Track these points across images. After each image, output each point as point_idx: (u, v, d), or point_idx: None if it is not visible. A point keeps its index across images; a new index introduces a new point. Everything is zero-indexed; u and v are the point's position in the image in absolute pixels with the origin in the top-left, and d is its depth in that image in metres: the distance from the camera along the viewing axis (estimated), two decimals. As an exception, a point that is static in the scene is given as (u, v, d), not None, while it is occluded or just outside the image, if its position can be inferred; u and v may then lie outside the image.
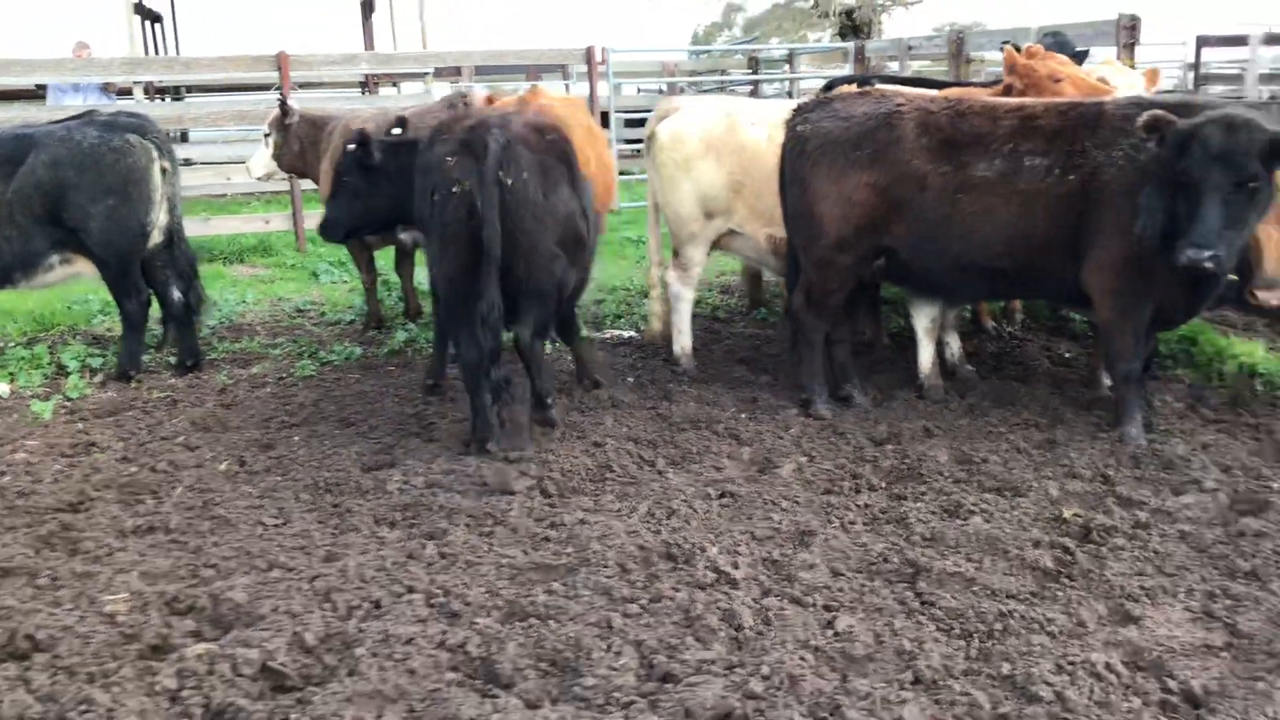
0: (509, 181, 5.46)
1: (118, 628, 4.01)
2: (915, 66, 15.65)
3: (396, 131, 6.83)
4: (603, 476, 5.43)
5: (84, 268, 7.36)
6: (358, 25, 22.44)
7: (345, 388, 7.08)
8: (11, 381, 7.35)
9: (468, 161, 5.41)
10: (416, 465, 5.57)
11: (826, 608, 4.06)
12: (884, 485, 5.29)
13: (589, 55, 13.40)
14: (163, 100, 17.98)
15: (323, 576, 4.35)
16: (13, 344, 8.25)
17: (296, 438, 6.13)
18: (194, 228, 11.63)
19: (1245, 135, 4.92)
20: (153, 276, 7.47)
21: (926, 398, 6.45)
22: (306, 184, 10.83)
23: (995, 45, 8.51)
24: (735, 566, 4.36)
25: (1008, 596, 4.10)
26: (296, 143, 8.64)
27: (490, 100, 8.63)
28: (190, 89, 19.33)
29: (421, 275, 8.44)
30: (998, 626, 3.87)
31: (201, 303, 7.71)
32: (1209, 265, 4.98)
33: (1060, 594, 4.14)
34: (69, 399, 7.02)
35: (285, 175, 9.70)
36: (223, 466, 5.74)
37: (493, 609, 4.09)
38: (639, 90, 21.75)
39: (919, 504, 4.98)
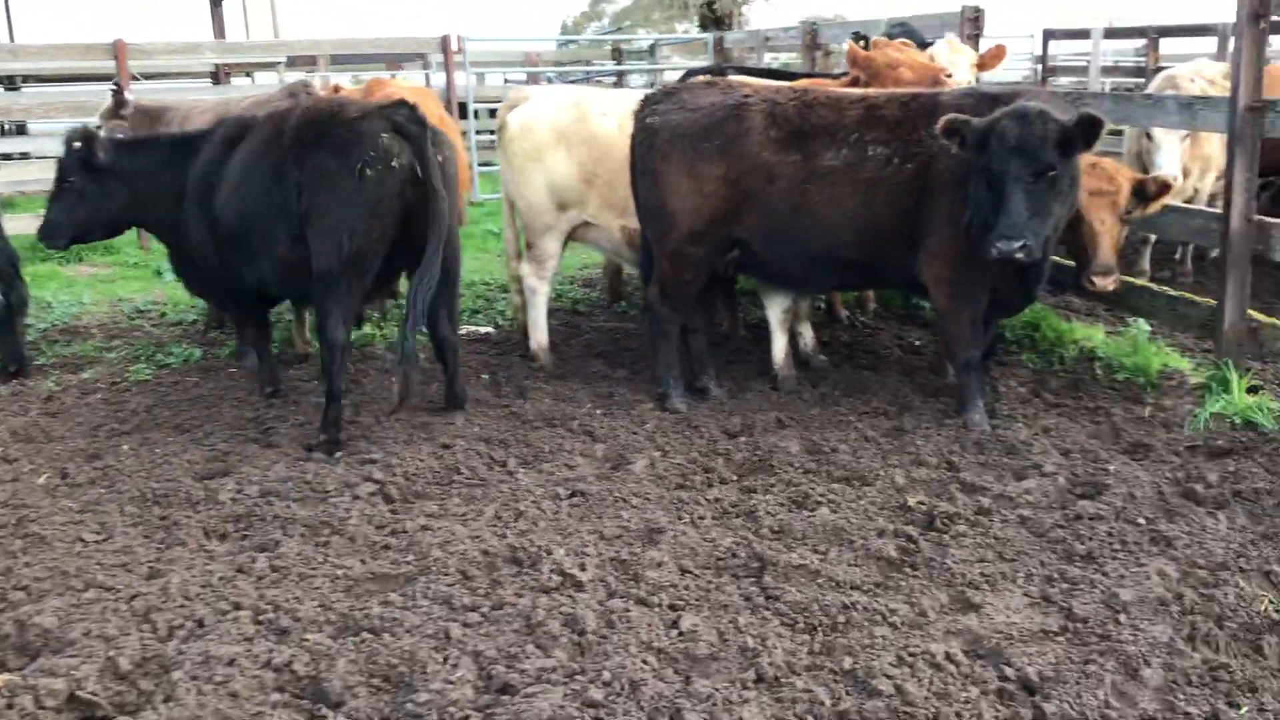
0: (440, 160, 5.57)
1: (-93, 663, 3.70)
2: (782, 59, 15.79)
3: (119, 134, 6.61)
4: (450, 479, 5.27)
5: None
6: (207, 14, 21.57)
7: (182, 392, 6.73)
8: None
9: (403, 139, 5.45)
10: (252, 473, 5.31)
11: (672, 607, 3.99)
12: (735, 478, 5.25)
13: (445, 44, 13.13)
14: (-3, 90, 17.01)
15: (143, 595, 4.11)
16: None
17: (126, 446, 5.79)
18: (29, 225, 11.00)
19: (1039, 126, 5.07)
20: (-32, 278, 6.99)
21: (780, 388, 6.45)
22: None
23: (848, 37, 8.59)
24: (582, 568, 4.25)
25: (852, 588, 4.09)
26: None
27: (336, 89, 8.37)
28: (27, 79, 18.31)
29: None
30: (841, 619, 3.86)
31: (24, 304, 7.24)
32: (1020, 255, 5.10)
33: (903, 584, 4.15)
34: (-124, 411, 6.51)
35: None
36: (42, 479, 5.38)
37: (324, 624, 3.91)
38: (505, 80, 21.47)
39: (768, 496, 4.95)
